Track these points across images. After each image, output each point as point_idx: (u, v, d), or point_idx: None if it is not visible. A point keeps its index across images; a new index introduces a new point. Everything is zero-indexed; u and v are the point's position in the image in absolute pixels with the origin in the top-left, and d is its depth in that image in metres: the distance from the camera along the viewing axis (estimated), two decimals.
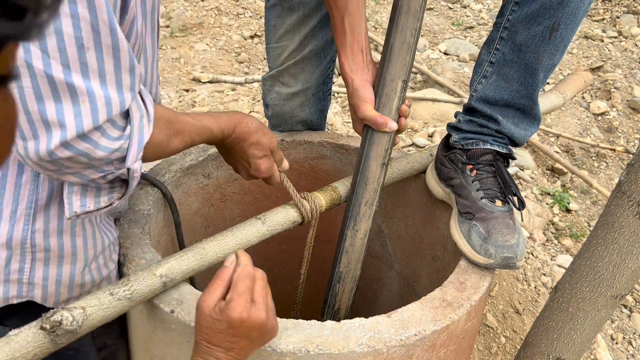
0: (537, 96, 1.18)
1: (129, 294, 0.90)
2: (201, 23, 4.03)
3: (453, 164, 1.22)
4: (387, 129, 1.11)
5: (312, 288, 1.42)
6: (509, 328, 1.99)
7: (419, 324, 0.95)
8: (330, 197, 1.20)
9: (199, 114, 1.02)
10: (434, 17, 4.16)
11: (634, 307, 2.18)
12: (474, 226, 1.11)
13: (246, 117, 1.07)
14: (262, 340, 0.83)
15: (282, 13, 1.35)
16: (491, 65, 1.17)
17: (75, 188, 0.86)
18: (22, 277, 0.92)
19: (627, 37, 3.81)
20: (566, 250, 2.40)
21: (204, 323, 0.80)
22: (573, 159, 2.94)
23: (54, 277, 0.95)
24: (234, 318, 0.78)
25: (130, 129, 0.80)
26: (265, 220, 1.10)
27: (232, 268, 0.85)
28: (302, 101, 1.46)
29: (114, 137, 0.78)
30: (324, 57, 1.43)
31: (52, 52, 0.68)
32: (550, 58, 1.11)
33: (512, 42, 1.12)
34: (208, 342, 0.79)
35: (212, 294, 0.81)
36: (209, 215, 1.47)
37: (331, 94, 1.56)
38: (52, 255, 0.93)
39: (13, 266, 0.90)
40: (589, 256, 1.10)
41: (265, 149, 1.09)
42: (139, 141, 0.82)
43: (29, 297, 0.94)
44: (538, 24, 1.08)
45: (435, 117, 3.09)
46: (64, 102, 0.71)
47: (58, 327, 0.81)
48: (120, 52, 0.74)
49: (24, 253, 0.90)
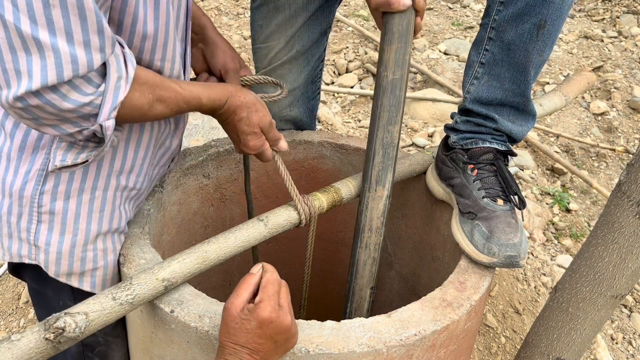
0: (530, 92, 1.18)
1: (131, 298, 0.90)
2: None
3: (454, 164, 1.22)
4: (402, 7, 1.05)
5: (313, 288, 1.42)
6: (509, 328, 1.99)
7: (419, 324, 0.95)
8: (332, 198, 1.20)
9: (191, 82, 1.03)
10: (434, 17, 4.16)
11: (634, 307, 2.18)
12: (477, 226, 1.11)
13: (241, 90, 1.06)
14: (286, 346, 0.85)
15: (268, 13, 1.35)
16: (482, 66, 1.18)
17: (62, 144, 0.93)
18: (29, 237, 1.00)
19: (627, 37, 3.80)
20: (566, 250, 2.40)
21: (231, 324, 0.82)
22: (573, 159, 2.94)
23: (55, 243, 1.01)
24: (265, 317, 0.80)
25: (105, 87, 0.82)
26: (267, 222, 1.10)
27: (259, 275, 0.88)
28: (290, 101, 1.46)
29: (86, 93, 0.81)
30: (312, 57, 1.42)
31: (20, 7, 0.72)
32: (540, 55, 1.12)
33: (500, 41, 1.13)
34: (235, 343, 0.81)
35: (239, 297, 0.84)
36: (209, 215, 1.47)
37: (320, 93, 1.55)
38: (56, 220, 1.00)
39: (22, 224, 0.99)
40: (589, 256, 1.10)
41: (254, 126, 1.07)
42: (113, 100, 0.84)
43: (37, 261, 1.01)
44: (525, 22, 1.08)
45: (435, 117, 3.09)
46: (32, 54, 0.74)
47: (61, 334, 0.81)
48: (86, 12, 0.76)
49: (32, 212, 0.99)
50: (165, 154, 1.19)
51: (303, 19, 1.34)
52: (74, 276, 1.04)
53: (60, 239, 1.01)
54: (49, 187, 0.98)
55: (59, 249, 1.01)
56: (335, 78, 3.50)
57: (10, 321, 1.99)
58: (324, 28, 1.40)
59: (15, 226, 1.00)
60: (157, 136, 1.10)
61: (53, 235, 1.01)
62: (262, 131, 1.09)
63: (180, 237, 1.39)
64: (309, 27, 1.36)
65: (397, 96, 1.13)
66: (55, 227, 1.00)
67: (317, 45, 1.41)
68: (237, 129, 1.07)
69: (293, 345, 0.86)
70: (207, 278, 1.53)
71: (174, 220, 1.35)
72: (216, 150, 1.41)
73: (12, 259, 1.02)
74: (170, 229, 1.34)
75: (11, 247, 1.02)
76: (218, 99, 1.02)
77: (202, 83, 1.05)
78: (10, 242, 1.01)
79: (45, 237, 1.00)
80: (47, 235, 1.00)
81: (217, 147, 1.42)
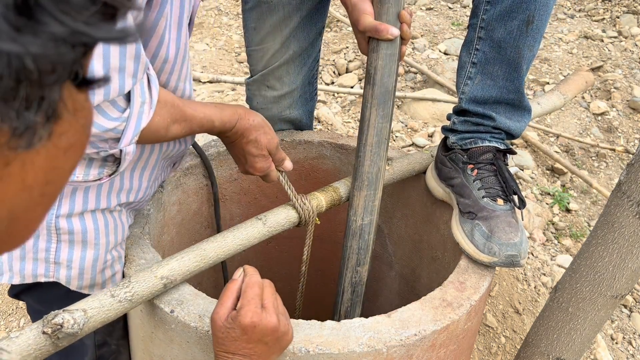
0: (524, 87, 1.19)
1: (129, 295, 0.90)
2: (201, 23, 4.04)
3: (454, 164, 1.22)
4: (390, 36, 1.05)
5: (313, 288, 1.42)
6: (509, 328, 1.99)
7: (419, 324, 0.95)
8: (331, 197, 1.20)
9: (204, 103, 1.02)
10: (434, 17, 4.16)
11: (634, 307, 2.17)
12: (477, 225, 1.11)
13: (250, 112, 1.07)
14: (279, 345, 0.84)
15: (261, 15, 1.34)
16: (474, 66, 1.18)
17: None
18: (49, 257, 0.97)
19: (627, 37, 3.80)
20: (566, 250, 2.40)
21: (219, 334, 0.82)
22: (573, 159, 2.94)
23: (77, 259, 0.99)
24: (246, 324, 0.80)
25: (129, 112, 0.81)
26: (266, 221, 1.10)
27: (240, 280, 0.87)
28: (289, 103, 1.45)
29: (112, 117, 0.79)
30: (308, 58, 1.42)
31: None
32: (530, 50, 1.13)
33: (490, 40, 1.14)
34: (226, 352, 0.81)
35: (223, 305, 0.84)
36: (209, 215, 1.47)
37: (317, 94, 1.55)
38: (76, 239, 0.98)
39: (40, 245, 0.96)
40: (589, 256, 1.10)
41: (262, 149, 1.09)
42: (136, 126, 0.83)
43: (55, 277, 0.99)
44: (513, 19, 1.10)
45: (435, 117, 3.09)
46: None
47: (59, 330, 0.81)
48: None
49: (50, 234, 0.96)
50: (169, 167, 1.20)
51: (297, 20, 1.33)
52: (96, 287, 1.04)
53: (82, 255, 0.99)
54: (64, 211, 0.95)
55: (81, 265, 1.00)
56: (335, 78, 3.50)
57: (10, 321, 1.99)
58: (318, 28, 1.40)
59: (31, 247, 0.97)
60: (163, 155, 1.10)
61: (75, 252, 0.99)
62: (269, 153, 1.10)
63: (180, 237, 1.39)
64: (304, 28, 1.35)
65: (366, 240, 1.20)
66: (76, 244, 0.98)
67: (313, 45, 1.41)
68: (245, 151, 1.08)
69: (288, 343, 0.86)
70: (207, 277, 1.53)
71: (174, 220, 1.35)
72: (216, 150, 1.41)
73: (24, 280, 0.99)
74: (170, 229, 1.34)
75: (24, 268, 0.98)
76: (228, 120, 1.02)
77: (212, 104, 1.04)
78: (23, 264, 0.98)
79: (66, 254, 0.98)
80: (69, 252, 0.98)
81: (217, 147, 1.42)
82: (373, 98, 1.09)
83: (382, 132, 1.11)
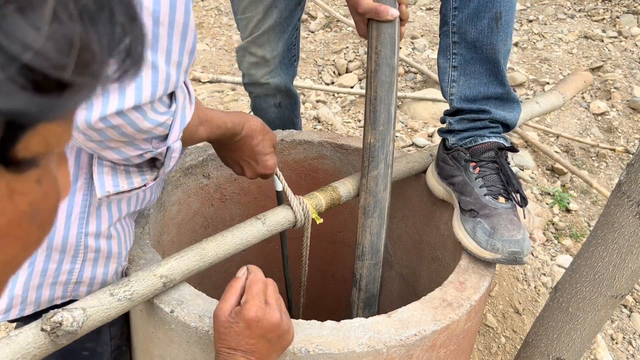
0: (507, 80, 1.22)
1: (129, 294, 0.90)
2: (201, 23, 4.03)
3: (456, 162, 1.22)
4: (390, 17, 1.06)
5: (312, 288, 1.42)
6: (509, 328, 1.99)
7: (419, 324, 0.95)
8: (330, 197, 1.20)
9: (211, 109, 1.02)
10: (433, 17, 4.16)
11: (634, 307, 2.17)
12: (479, 223, 1.11)
13: (250, 116, 1.09)
14: (281, 343, 0.84)
15: None
16: (455, 70, 1.21)
17: (105, 169, 0.87)
18: (71, 278, 0.95)
19: (627, 37, 3.80)
20: (566, 250, 2.40)
21: (221, 330, 0.82)
22: (573, 159, 2.94)
23: (100, 275, 0.98)
24: (251, 318, 0.80)
25: (175, 107, 0.80)
26: (265, 221, 1.10)
27: (244, 278, 0.88)
28: (271, 69, 1.61)
29: (161, 112, 0.79)
30: (287, 26, 1.57)
31: None
32: (504, 44, 1.17)
33: (465, 42, 1.17)
34: (228, 348, 0.81)
35: (226, 301, 0.84)
36: (209, 215, 1.47)
37: (297, 60, 1.70)
38: (101, 256, 0.97)
39: (64, 267, 0.93)
40: (589, 256, 1.10)
41: (271, 146, 1.12)
42: (182, 120, 0.82)
43: (72, 296, 0.97)
44: (482, 19, 1.13)
45: (435, 117, 3.09)
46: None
47: (58, 328, 0.81)
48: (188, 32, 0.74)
49: (77, 254, 0.93)
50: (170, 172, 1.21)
51: None
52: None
53: (105, 271, 0.99)
54: (92, 229, 0.93)
55: (103, 279, 0.99)
56: (335, 78, 3.50)
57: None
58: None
59: (53, 272, 0.93)
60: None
61: (97, 269, 0.98)
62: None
63: (180, 237, 1.39)
64: None
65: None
66: (100, 262, 0.97)
67: (293, 14, 1.56)
68: (256, 152, 1.09)
69: (289, 342, 0.86)
70: (207, 278, 1.53)
71: (174, 220, 1.35)
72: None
73: (38, 308, 0.95)
74: (170, 229, 1.34)
75: (40, 296, 0.94)
76: (238, 122, 1.03)
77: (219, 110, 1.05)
78: (40, 291, 0.94)
79: (89, 272, 0.97)
80: (92, 270, 0.97)
81: None
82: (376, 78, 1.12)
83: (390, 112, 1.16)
